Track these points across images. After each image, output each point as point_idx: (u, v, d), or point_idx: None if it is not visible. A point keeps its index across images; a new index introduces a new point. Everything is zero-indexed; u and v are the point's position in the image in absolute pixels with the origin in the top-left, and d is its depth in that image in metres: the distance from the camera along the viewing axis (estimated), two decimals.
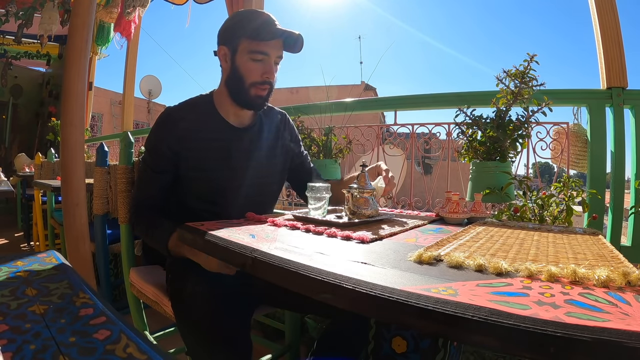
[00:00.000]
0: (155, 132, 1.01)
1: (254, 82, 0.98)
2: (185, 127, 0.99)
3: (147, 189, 1.03)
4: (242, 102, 1.01)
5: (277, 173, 1.15)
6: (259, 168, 1.06)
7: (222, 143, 1.01)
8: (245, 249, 0.56)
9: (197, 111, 1.02)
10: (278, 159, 1.14)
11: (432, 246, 0.58)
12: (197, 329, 0.81)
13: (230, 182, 1.02)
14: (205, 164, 1.00)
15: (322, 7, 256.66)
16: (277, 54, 0.98)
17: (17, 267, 0.67)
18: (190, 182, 1.01)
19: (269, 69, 0.97)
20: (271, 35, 0.95)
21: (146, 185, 1.03)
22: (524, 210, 1.22)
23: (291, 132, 1.21)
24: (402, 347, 0.63)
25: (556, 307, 0.34)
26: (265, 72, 0.97)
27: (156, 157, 1.00)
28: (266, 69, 0.97)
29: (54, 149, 3.24)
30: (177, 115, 1.00)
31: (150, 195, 1.03)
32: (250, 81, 0.98)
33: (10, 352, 0.40)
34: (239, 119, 1.06)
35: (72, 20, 1.58)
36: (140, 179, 1.06)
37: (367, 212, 0.84)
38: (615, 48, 1.63)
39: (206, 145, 1.00)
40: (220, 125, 1.03)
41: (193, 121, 1.00)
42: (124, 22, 3.95)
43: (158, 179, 1.01)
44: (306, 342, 1.53)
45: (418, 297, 0.36)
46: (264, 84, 0.98)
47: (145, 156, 1.04)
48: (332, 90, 2.21)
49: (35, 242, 3.06)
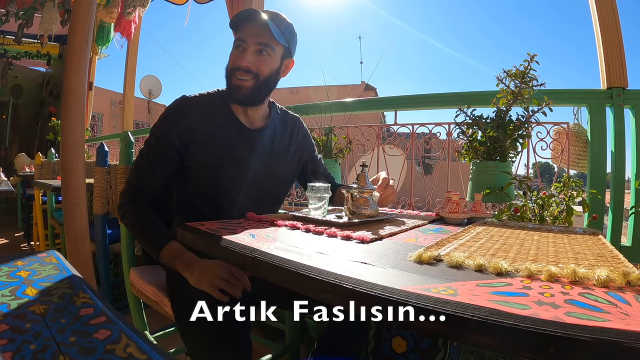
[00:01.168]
0: (167, 119, 0.97)
1: (231, 68, 0.97)
2: (198, 118, 0.96)
3: (147, 176, 0.97)
4: (229, 94, 1.00)
5: (284, 178, 1.13)
6: (265, 171, 1.05)
7: (229, 140, 1.00)
8: (245, 248, 0.56)
9: (212, 105, 1.01)
10: (288, 164, 1.12)
11: (432, 246, 0.58)
12: (196, 329, 0.81)
13: (233, 182, 1.00)
14: (210, 160, 0.98)
15: (322, 7, 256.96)
16: (255, 40, 0.95)
17: (17, 267, 0.67)
18: (193, 176, 0.99)
19: (243, 55, 0.95)
20: (240, 20, 0.96)
21: (147, 171, 0.97)
22: (524, 210, 1.22)
23: (305, 137, 1.19)
24: (402, 347, 0.63)
25: (556, 307, 0.34)
26: (237, 57, 0.96)
27: (164, 143, 0.96)
28: (239, 55, 0.96)
29: (54, 148, 3.24)
30: (193, 104, 0.98)
31: (149, 184, 0.97)
32: (229, 68, 0.98)
33: (10, 352, 0.40)
34: (249, 118, 1.04)
35: (72, 20, 1.58)
36: (142, 164, 0.98)
37: (367, 212, 0.84)
38: (616, 48, 1.63)
39: (214, 140, 0.98)
40: (231, 123, 1.01)
41: (206, 114, 0.98)
42: (124, 22, 3.95)
43: (161, 167, 0.97)
44: (306, 342, 1.53)
45: (418, 297, 0.36)
46: (239, 71, 0.96)
47: (151, 140, 0.98)
48: (332, 90, 2.21)
49: (36, 242, 3.06)
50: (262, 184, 1.05)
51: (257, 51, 0.96)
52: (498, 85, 1.38)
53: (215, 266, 0.84)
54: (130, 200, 0.98)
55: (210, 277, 0.83)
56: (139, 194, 0.98)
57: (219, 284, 0.81)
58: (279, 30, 0.97)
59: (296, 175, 1.19)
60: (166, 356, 0.41)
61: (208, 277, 0.83)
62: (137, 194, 0.98)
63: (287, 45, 1.00)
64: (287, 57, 1.04)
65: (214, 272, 0.83)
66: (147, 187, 0.98)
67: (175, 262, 0.89)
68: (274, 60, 0.99)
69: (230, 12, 3.06)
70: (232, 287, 0.81)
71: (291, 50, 1.04)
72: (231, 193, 1.00)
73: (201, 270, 0.85)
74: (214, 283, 0.81)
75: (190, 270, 0.86)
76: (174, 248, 0.90)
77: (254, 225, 0.76)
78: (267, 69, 0.98)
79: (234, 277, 0.83)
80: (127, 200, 0.98)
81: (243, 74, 0.96)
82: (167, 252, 0.90)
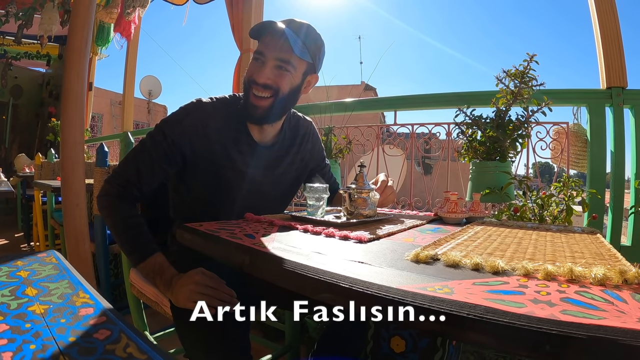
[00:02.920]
0: (183, 123, 0.91)
1: (248, 81, 0.92)
2: (216, 128, 0.92)
3: (145, 174, 0.90)
4: (246, 112, 0.94)
5: (287, 194, 1.11)
6: (268, 188, 1.03)
7: (239, 155, 0.96)
8: (243, 249, 0.56)
9: (230, 115, 0.95)
10: (293, 181, 1.10)
11: (429, 245, 0.58)
12: (196, 329, 0.81)
13: (237, 193, 0.98)
14: (216, 170, 0.95)
15: (322, 7, 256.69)
16: (274, 55, 0.89)
17: (17, 267, 0.67)
18: (194, 183, 0.97)
19: (261, 70, 0.90)
20: (260, 31, 0.90)
21: (146, 169, 0.90)
22: (523, 210, 1.22)
23: (315, 143, 1.15)
24: (401, 346, 0.63)
25: (552, 305, 0.34)
26: (256, 72, 0.91)
27: (172, 147, 0.90)
28: (258, 68, 0.90)
29: (54, 149, 3.25)
30: (212, 112, 0.93)
31: (143, 183, 0.90)
32: (247, 80, 0.93)
33: (10, 352, 0.40)
34: (262, 134, 1.00)
35: (71, 20, 1.58)
36: (142, 160, 0.90)
37: (365, 212, 0.84)
38: (615, 48, 1.63)
39: (225, 152, 0.94)
40: (243, 137, 0.97)
41: (224, 124, 0.94)
42: (124, 23, 3.96)
43: (162, 169, 0.90)
44: (306, 342, 1.53)
45: (414, 296, 0.36)
46: (257, 86, 0.90)
47: (158, 138, 0.91)
48: (332, 90, 2.21)
49: (36, 242, 3.06)
50: (264, 197, 1.03)
51: (275, 66, 0.90)
52: (498, 85, 1.39)
53: (189, 282, 0.80)
54: (118, 194, 0.89)
55: (187, 294, 0.79)
56: (129, 189, 0.90)
57: (197, 298, 0.77)
58: (303, 44, 0.91)
59: (300, 182, 1.15)
60: (166, 356, 0.41)
61: (184, 294, 0.79)
62: (127, 188, 0.89)
63: (311, 60, 0.94)
64: (311, 73, 0.97)
65: (188, 288, 0.79)
66: (140, 186, 0.90)
67: (155, 279, 0.85)
68: (295, 77, 0.93)
69: (230, 12, 3.06)
70: (210, 299, 0.78)
71: (316, 66, 0.97)
72: (231, 203, 0.99)
73: (178, 288, 0.81)
74: (192, 298, 0.78)
75: (170, 290, 0.82)
76: (158, 262, 0.86)
77: (252, 226, 0.77)
78: (287, 86, 0.92)
79: (209, 288, 0.79)
80: (115, 194, 0.89)
81: (261, 89, 0.91)
82: (149, 266, 0.85)
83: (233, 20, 3.03)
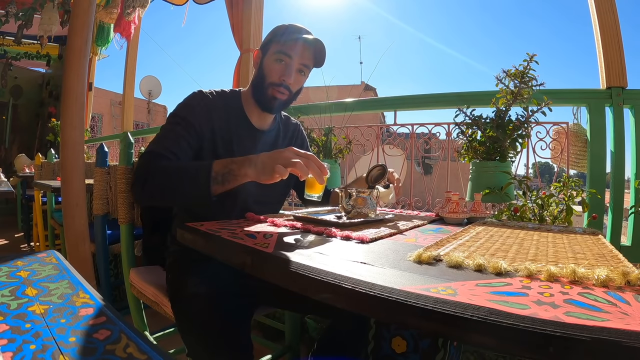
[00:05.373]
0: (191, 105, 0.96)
1: (272, 82, 0.99)
2: (218, 114, 0.99)
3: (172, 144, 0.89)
4: (260, 101, 1.02)
5: None
6: None
7: (239, 139, 1.01)
8: (244, 249, 0.56)
9: (228, 104, 1.03)
10: None
11: (431, 246, 0.58)
12: (197, 329, 0.81)
13: None
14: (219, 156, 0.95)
15: (322, 7, 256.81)
16: (301, 60, 0.98)
17: (17, 267, 0.67)
18: None
19: (288, 72, 0.98)
20: (295, 39, 0.97)
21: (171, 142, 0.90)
22: (523, 210, 1.22)
23: (303, 143, 1.22)
24: (402, 347, 0.63)
25: (555, 307, 0.34)
26: (283, 74, 0.98)
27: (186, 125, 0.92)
28: (285, 71, 0.98)
29: (54, 149, 3.24)
30: (213, 99, 1.00)
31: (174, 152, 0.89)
32: (269, 81, 0.99)
33: (10, 352, 0.40)
34: (261, 121, 1.07)
35: (71, 21, 1.58)
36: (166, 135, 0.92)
37: (367, 212, 0.84)
38: (615, 48, 1.63)
39: (228, 137, 0.99)
40: (243, 123, 1.04)
41: (224, 111, 1.00)
42: (124, 23, 3.96)
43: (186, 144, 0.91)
44: (306, 342, 1.53)
45: (417, 297, 0.36)
46: (281, 87, 0.98)
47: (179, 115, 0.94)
48: (332, 91, 2.21)
49: (35, 242, 3.06)
50: None
51: (298, 70, 1.00)
52: (497, 85, 1.39)
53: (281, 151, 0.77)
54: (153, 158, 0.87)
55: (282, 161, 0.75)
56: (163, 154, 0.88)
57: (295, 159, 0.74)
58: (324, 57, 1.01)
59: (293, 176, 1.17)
60: (166, 356, 0.41)
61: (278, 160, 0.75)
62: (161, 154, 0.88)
63: None
64: None
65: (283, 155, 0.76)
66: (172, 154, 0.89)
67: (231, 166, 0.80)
68: (305, 81, 1.05)
69: (230, 12, 3.06)
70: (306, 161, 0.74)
71: None
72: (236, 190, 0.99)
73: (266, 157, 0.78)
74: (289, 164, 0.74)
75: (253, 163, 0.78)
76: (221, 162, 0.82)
77: (253, 226, 0.76)
78: (298, 88, 1.04)
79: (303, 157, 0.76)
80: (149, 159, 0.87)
81: (284, 89, 0.99)
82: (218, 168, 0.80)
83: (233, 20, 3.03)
